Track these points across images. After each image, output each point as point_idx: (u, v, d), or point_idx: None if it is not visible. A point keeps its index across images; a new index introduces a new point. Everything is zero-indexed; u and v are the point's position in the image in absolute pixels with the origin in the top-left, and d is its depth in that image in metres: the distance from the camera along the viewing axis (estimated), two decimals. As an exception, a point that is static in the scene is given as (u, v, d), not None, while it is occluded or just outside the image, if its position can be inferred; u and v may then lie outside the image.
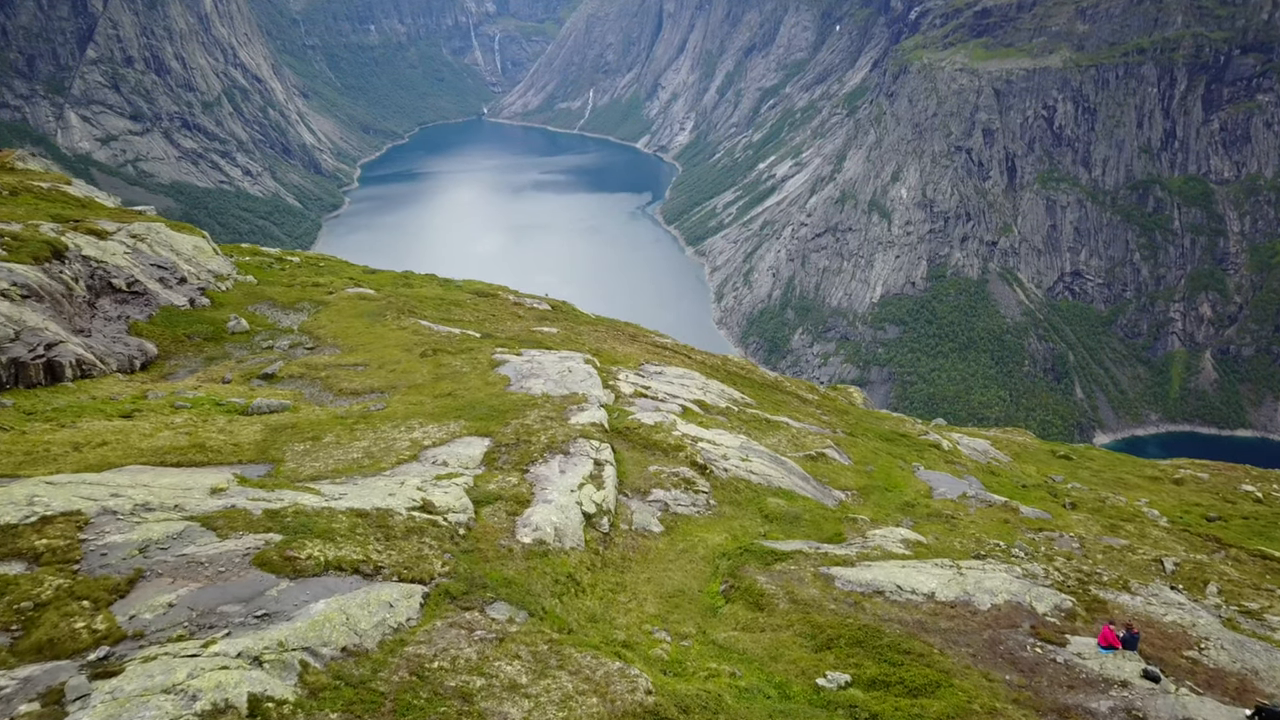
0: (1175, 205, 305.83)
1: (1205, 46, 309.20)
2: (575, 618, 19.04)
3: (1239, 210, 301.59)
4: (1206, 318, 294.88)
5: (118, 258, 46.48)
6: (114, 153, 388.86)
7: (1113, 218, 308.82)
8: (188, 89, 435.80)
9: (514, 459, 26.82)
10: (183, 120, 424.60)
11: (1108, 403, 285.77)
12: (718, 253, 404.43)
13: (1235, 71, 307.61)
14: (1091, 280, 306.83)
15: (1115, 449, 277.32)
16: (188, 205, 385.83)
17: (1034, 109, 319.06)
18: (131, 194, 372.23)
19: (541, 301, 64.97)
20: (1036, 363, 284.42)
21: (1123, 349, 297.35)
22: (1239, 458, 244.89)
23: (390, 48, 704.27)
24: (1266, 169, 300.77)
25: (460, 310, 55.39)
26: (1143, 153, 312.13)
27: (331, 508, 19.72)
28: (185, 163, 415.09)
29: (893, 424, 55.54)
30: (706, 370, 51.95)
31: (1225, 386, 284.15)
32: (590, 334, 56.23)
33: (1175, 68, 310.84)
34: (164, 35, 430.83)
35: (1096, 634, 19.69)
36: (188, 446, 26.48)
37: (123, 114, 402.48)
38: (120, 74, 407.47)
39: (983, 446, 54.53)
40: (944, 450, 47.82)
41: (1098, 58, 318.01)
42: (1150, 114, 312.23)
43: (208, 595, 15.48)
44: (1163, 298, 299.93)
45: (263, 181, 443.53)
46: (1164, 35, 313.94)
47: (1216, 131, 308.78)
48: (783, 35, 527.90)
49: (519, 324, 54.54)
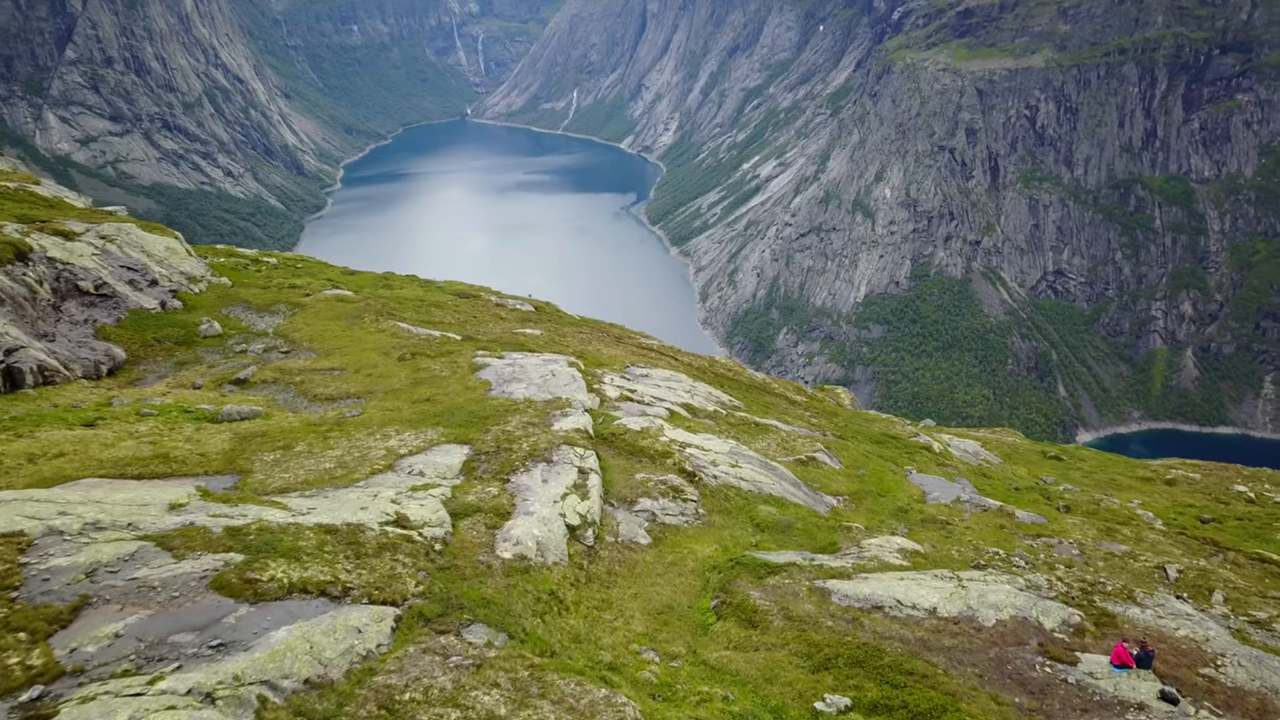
0: (1156, 204, 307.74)
1: (1185, 46, 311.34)
2: (558, 639, 17.97)
3: (1219, 209, 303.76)
4: (1188, 316, 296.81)
5: (85, 259, 44.97)
6: (93, 154, 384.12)
7: (1095, 217, 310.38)
8: (168, 90, 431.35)
9: (494, 468, 25.67)
10: (163, 121, 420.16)
11: (1090, 401, 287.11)
12: (702, 253, 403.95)
13: (1215, 71, 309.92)
14: (1074, 279, 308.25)
15: (1098, 447, 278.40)
16: (169, 207, 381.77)
17: (1016, 109, 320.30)
18: (111, 195, 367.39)
19: (525, 303, 63.75)
20: (1020, 361, 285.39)
21: (1105, 347, 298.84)
22: (1220, 455, 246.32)
23: (373, 48, 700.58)
24: (1246, 168, 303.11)
25: (441, 312, 54.12)
26: (1124, 152, 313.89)
27: (299, 524, 18.54)
28: (166, 164, 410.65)
29: (882, 425, 54.71)
30: (693, 372, 50.90)
31: (1206, 384, 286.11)
32: (575, 336, 55.09)
33: (1156, 67, 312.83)
34: (144, 35, 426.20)
35: (1108, 651, 18.80)
36: (151, 457, 25.20)
37: (102, 115, 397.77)
38: (100, 74, 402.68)
39: (973, 448, 53.78)
40: (935, 452, 47.02)
41: (1079, 57, 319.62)
42: (1131, 113, 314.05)
43: (159, 624, 14.28)
44: (1144, 296, 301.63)
45: (244, 183, 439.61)
46: (1145, 35, 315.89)
47: (1197, 131, 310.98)
48: (766, 35, 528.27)
49: (501, 326, 53.32)
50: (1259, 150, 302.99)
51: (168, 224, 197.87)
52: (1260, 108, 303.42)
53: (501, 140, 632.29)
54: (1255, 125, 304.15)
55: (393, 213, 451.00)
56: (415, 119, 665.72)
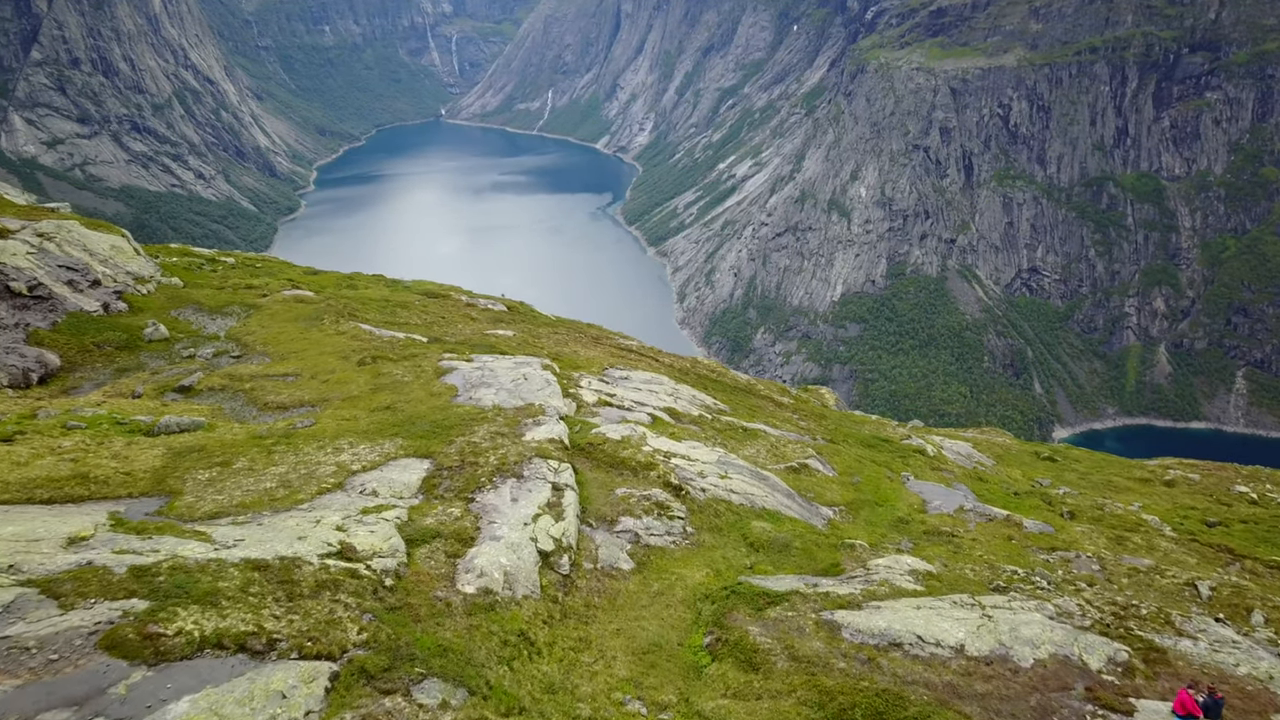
0: (1128, 202, 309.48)
1: (1155, 45, 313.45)
2: (529, 689, 15.34)
3: (1190, 206, 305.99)
4: (1160, 312, 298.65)
5: (19, 258, 41.68)
6: (60, 156, 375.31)
7: (1068, 214, 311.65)
8: (137, 91, 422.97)
9: (458, 485, 22.94)
10: (132, 123, 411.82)
11: (1066, 397, 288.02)
12: (679, 253, 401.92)
13: (1184, 70, 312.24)
14: (1048, 276, 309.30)
15: (1074, 443, 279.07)
16: (139, 209, 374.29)
17: (990, 107, 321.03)
18: (80, 198, 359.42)
19: (497, 302, 60.91)
20: (996, 359, 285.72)
21: (1079, 344, 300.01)
22: (1193, 450, 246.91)
23: (345, 49, 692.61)
24: (1216, 165, 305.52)
25: (407, 313, 51.19)
26: (1096, 150, 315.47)
27: (221, 559, 15.77)
28: (136, 166, 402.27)
29: (872, 428, 52.45)
30: (676, 374, 48.32)
31: (1179, 379, 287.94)
32: (550, 337, 52.38)
33: (1127, 66, 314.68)
34: (111, 36, 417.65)
35: (1164, 695, 16.45)
36: (68, 477, 22.25)
37: (69, 116, 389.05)
38: (66, 76, 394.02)
39: (965, 450, 51.66)
40: (929, 456, 44.80)
41: (1051, 56, 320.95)
42: (1103, 112, 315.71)
43: (27, 697, 11.48)
44: (1117, 293, 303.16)
45: (216, 185, 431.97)
46: (1115, 34, 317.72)
47: (1167, 129, 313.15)
48: (740, 35, 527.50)
49: (471, 327, 50.47)
50: (1228, 148, 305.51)
51: (138, 227, 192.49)
52: (1229, 106, 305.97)
53: (476, 141, 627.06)
54: (1224, 123, 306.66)
55: (366, 214, 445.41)
56: (389, 120, 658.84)
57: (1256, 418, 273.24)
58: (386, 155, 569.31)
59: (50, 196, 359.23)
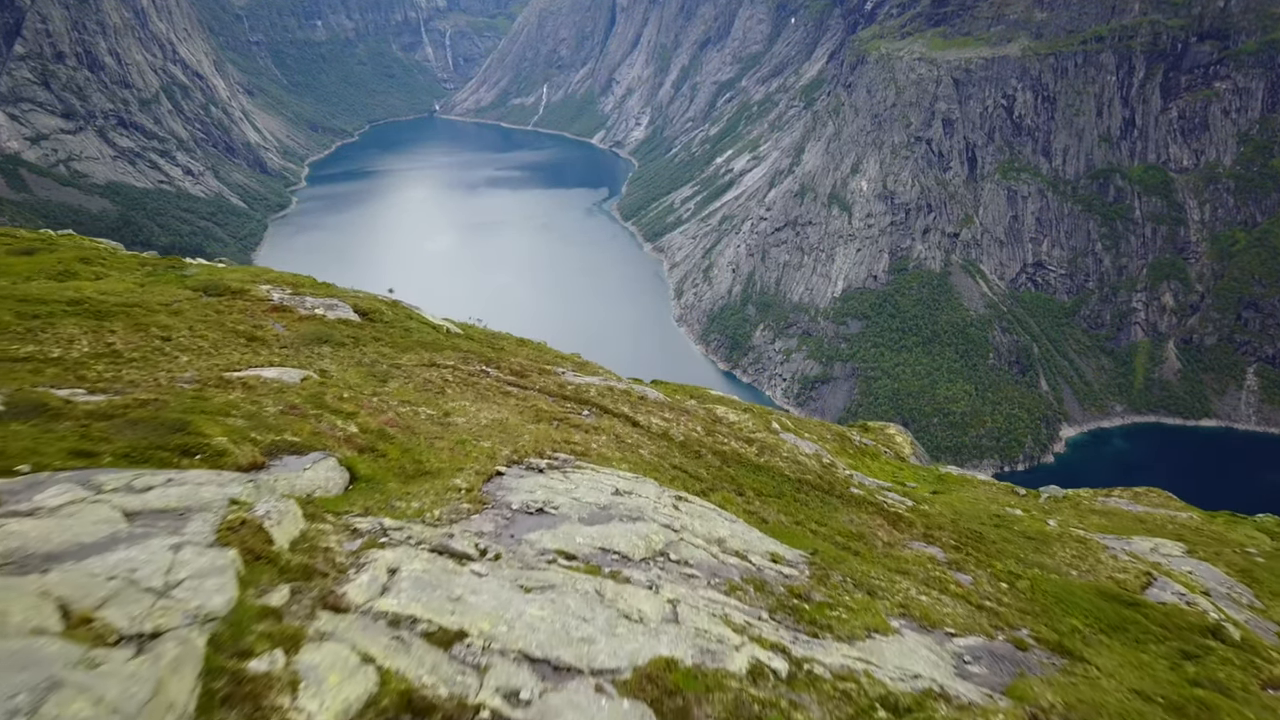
0: (1135, 194, 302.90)
1: (1163, 34, 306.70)
2: None
3: (1198, 198, 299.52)
4: (1169, 307, 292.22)
5: None
6: (45, 152, 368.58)
7: (1074, 208, 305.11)
8: (123, 86, 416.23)
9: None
10: (118, 118, 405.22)
11: (1073, 394, 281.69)
12: (676, 249, 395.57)
13: (1193, 59, 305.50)
14: (1054, 271, 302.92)
15: (1082, 442, 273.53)
16: (125, 206, 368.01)
17: (993, 98, 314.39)
18: (65, 195, 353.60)
19: (344, 307, 35.43)
20: (1001, 355, 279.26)
21: (1086, 340, 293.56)
22: (1205, 448, 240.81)
23: (338, 44, 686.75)
24: (1225, 157, 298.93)
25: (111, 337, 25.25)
26: (1102, 141, 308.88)
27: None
28: (122, 162, 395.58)
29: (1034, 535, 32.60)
30: (678, 457, 26.42)
31: (1189, 376, 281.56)
32: (442, 394, 32.27)
33: (1133, 55, 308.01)
34: (97, 30, 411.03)
35: None
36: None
37: (54, 112, 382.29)
38: (50, 70, 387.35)
39: (1196, 566, 33.10)
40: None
41: (1056, 45, 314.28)
42: (1109, 102, 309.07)
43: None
44: (1125, 288, 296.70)
45: (205, 181, 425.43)
46: (1122, 23, 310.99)
47: (1175, 120, 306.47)
48: (737, 28, 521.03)
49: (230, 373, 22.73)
50: (1237, 139, 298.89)
51: (124, 224, 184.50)
52: (1238, 96, 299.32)
53: (470, 136, 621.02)
54: (1233, 113, 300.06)
55: (359, 211, 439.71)
56: (382, 116, 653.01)
57: (1268, 415, 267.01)
58: (380, 151, 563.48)
59: (34, 193, 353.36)
